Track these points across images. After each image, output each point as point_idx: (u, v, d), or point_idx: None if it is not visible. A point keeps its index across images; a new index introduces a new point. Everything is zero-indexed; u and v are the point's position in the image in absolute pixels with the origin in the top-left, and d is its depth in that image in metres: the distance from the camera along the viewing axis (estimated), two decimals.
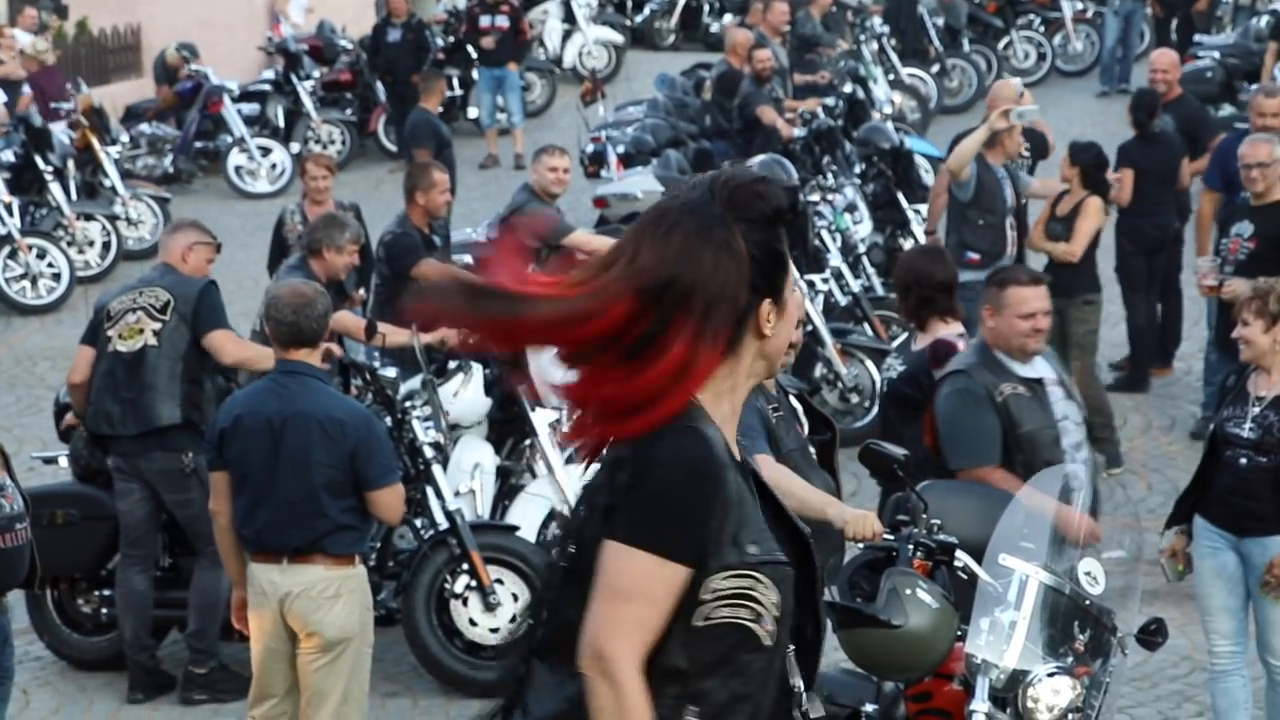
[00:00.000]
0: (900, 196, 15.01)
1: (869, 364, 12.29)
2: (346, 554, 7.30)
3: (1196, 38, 22.31)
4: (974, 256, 11.75)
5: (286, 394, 7.29)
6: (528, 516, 9.66)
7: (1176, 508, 7.78)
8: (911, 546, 6.08)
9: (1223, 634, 7.72)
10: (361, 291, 12.06)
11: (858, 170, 15.65)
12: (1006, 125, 11.90)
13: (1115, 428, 11.81)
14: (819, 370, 12.32)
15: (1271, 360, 7.54)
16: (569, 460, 9.45)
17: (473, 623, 8.93)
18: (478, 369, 9.94)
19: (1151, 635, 6.31)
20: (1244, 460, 7.49)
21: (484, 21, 21.40)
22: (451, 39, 22.51)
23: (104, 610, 9.21)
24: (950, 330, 8.23)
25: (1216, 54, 19.78)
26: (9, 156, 16.88)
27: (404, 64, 20.69)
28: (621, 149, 17.09)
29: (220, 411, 7.58)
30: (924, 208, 15.12)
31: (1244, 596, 7.61)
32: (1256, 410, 7.50)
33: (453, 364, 10.03)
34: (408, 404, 9.11)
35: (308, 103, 21.01)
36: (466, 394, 9.94)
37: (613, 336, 3.16)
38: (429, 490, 9.04)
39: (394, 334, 9.84)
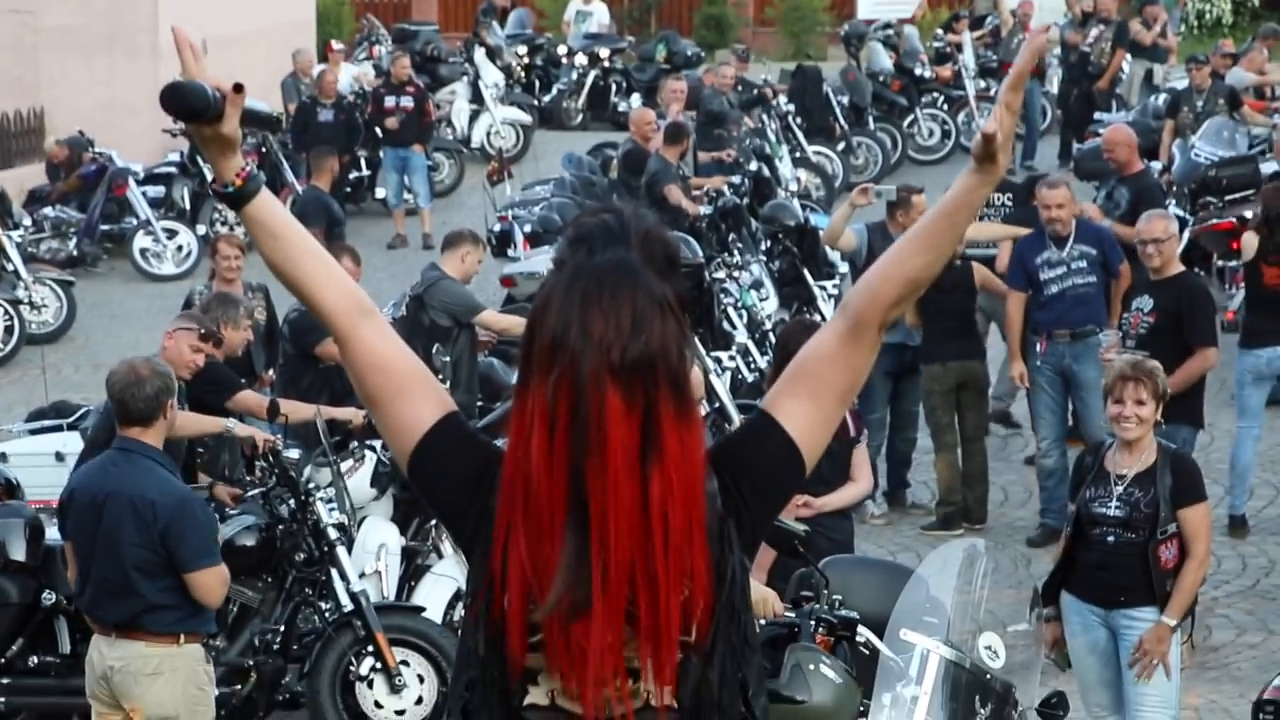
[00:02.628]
0: (806, 273, 15.10)
1: None
2: (168, 632, 7.35)
3: (1097, 115, 22.57)
4: None
5: (113, 471, 7.45)
6: (434, 597, 9.62)
7: (1044, 589, 7.86)
8: (813, 622, 6.11)
9: (1103, 706, 7.90)
10: (271, 373, 12.02)
11: (763, 247, 15.74)
12: (866, 202, 12.46)
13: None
14: None
15: (1144, 438, 7.67)
16: None
17: (378, 705, 8.87)
18: (372, 458, 9.91)
19: (1053, 709, 6.35)
20: (1111, 538, 7.62)
21: (389, 102, 21.43)
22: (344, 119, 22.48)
23: (1, 700, 9.07)
24: None
25: None
26: None
27: (336, 144, 20.68)
28: (529, 228, 17.11)
29: (66, 484, 7.73)
30: (830, 284, 15.27)
31: (1118, 669, 7.71)
32: (1120, 489, 7.63)
33: (353, 444, 9.98)
34: (311, 485, 9.07)
35: None
36: (353, 480, 9.86)
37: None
38: (333, 572, 8.99)
39: (297, 412, 9.81)
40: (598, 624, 2.96)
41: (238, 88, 3.25)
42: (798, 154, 21.56)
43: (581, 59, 27.67)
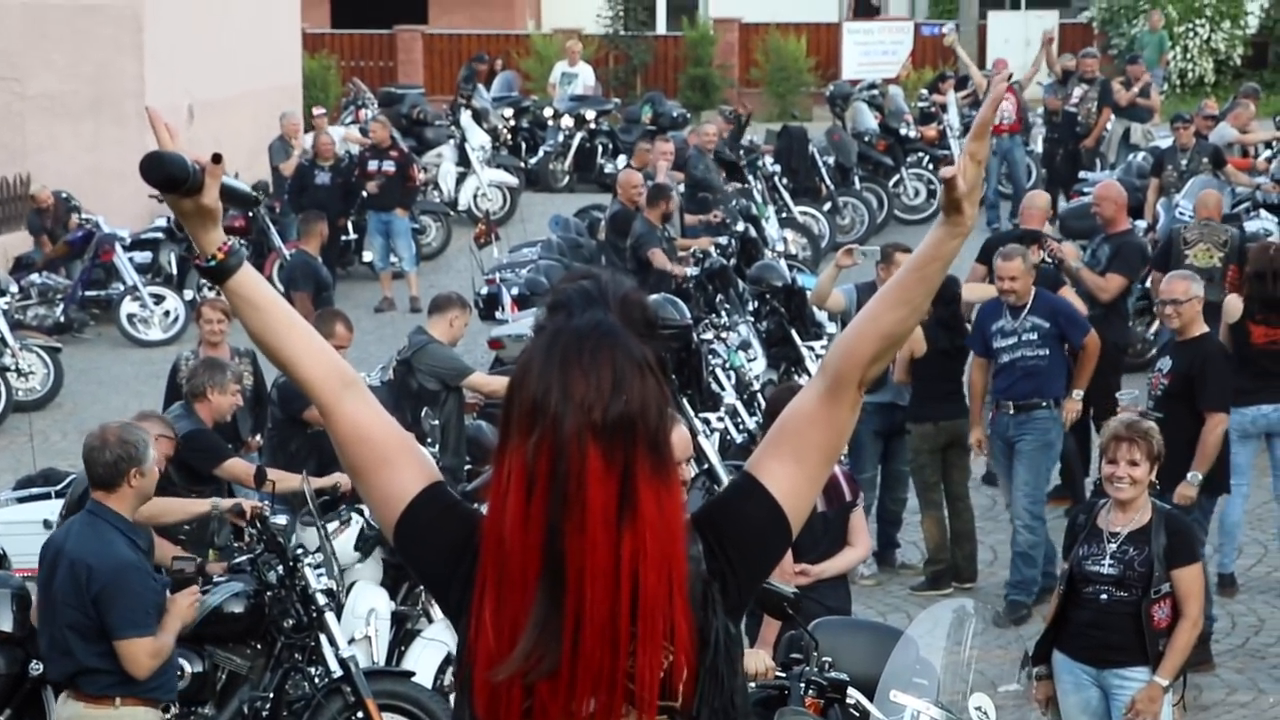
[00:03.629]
0: (794, 334, 15.12)
1: None
2: (102, 695, 7.43)
3: (1081, 174, 22.66)
4: None
5: (71, 532, 7.60)
6: (424, 661, 9.59)
7: (1037, 648, 7.85)
8: (803, 684, 6.09)
9: None
10: (258, 438, 12.01)
11: (751, 308, 15.76)
12: (851, 263, 12.75)
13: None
14: None
15: (1138, 497, 7.67)
16: None
17: None
18: (358, 522, 9.89)
19: None
20: (1105, 596, 7.61)
21: (371, 166, 21.48)
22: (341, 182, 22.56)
23: None
24: None
25: None
26: None
27: (334, 207, 20.73)
28: (516, 290, 17.13)
29: None
30: (818, 345, 15.29)
31: None
32: (1114, 546, 7.63)
33: (341, 508, 9.95)
34: (299, 551, 9.04)
35: None
36: (336, 541, 9.81)
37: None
38: (322, 638, 8.95)
39: (284, 480, 9.79)
40: (563, 685, 2.94)
41: (216, 158, 3.25)
42: (784, 214, 21.62)
43: (567, 121, 27.78)
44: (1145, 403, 10.55)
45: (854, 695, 6.08)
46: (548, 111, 28.38)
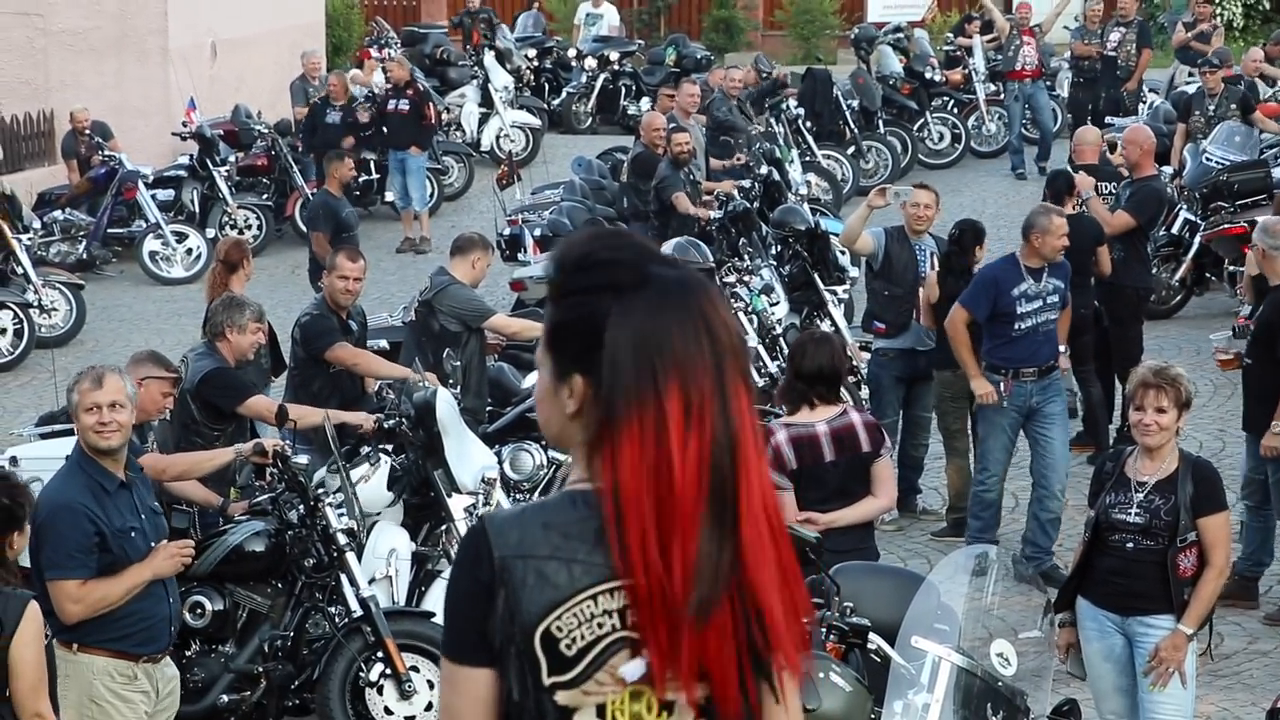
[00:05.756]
0: (816, 278, 15.07)
1: None
2: (62, 639, 7.28)
3: (1108, 119, 22.49)
4: (880, 326, 12.55)
5: None
6: (443, 602, 9.58)
7: (1060, 594, 7.83)
8: (825, 629, 6.08)
9: (1117, 713, 7.85)
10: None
11: (774, 252, 15.71)
12: (883, 204, 12.64)
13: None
14: None
15: (1165, 445, 7.64)
16: None
17: (388, 711, 8.85)
18: (386, 462, 9.88)
19: (1064, 716, 6.33)
20: (1131, 545, 7.59)
21: (390, 105, 21.42)
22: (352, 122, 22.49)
23: None
24: (805, 417, 8.29)
25: None
26: None
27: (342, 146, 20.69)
28: (538, 232, 17.10)
29: None
30: (840, 289, 15.25)
31: (1133, 676, 7.68)
32: (1141, 495, 7.61)
33: (365, 449, 9.95)
34: (320, 490, 9.04)
35: (223, 188, 20.94)
36: (369, 485, 9.81)
37: None
38: (343, 577, 8.96)
39: (306, 416, 9.78)
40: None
41: None
42: (807, 158, 21.51)
43: (591, 62, 27.66)
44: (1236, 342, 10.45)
45: (875, 640, 6.07)
46: (571, 52, 28.27)
